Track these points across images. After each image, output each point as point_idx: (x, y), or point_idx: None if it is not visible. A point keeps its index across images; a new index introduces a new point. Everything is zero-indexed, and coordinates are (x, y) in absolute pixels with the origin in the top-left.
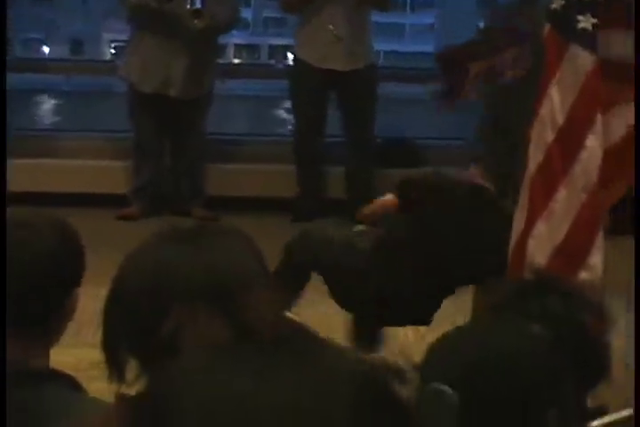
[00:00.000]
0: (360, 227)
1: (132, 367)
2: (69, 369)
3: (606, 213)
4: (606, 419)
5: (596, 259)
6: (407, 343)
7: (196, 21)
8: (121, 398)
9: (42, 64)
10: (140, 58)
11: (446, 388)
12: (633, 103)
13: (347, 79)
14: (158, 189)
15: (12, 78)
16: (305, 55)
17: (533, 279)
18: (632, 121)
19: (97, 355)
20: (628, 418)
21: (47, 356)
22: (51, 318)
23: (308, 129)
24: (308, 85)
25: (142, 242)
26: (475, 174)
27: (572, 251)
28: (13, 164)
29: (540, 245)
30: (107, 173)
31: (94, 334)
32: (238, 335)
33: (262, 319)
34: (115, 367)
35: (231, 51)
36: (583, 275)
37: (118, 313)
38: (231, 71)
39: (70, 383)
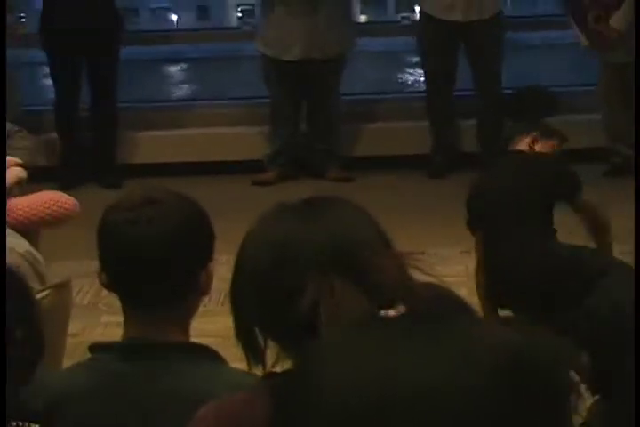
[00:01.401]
0: None
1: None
2: (217, 336)
3: None
4: None
5: None
6: None
7: None
8: (268, 376)
9: (169, 35)
10: (274, 29)
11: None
12: None
13: (472, 30)
14: (294, 153)
15: (141, 50)
16: (428, 8)
17: None
18: None
19: None
20: None
21: (186, 330)
22: (186, 295)
23: (438, 83)
24: (434, 39)
25: (259, 219)
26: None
27: None
28: (148, 135)
29: None
30: (241, 139)
31: None
32: (375, 302)
33: (394, 281)
34: (252, 352)
35: (357, 7)
36: None
37: (247, 294)
38: (359, 31)
39: (212, 356)
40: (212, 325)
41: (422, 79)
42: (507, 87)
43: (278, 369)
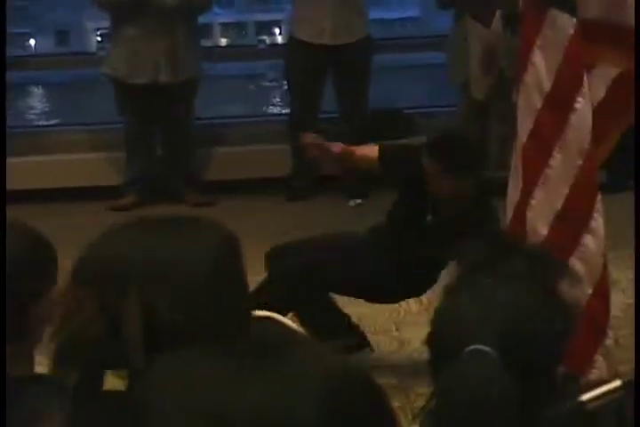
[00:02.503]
0: (357, 201)
1: None
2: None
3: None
4: (596, 391)
5: (598, 222)
6: (411, 315)
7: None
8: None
9: (27, 60)
10: (123, 51)
11: (487, 348)
12: (611, 64)
13: (341, 53)
14: (151, 178)
15: None
16: (299, 32)
17: (500, 242)
18: (610, 82)
19: None
20: (616, 389)
21: (30, 361)
22: (25, 326)
23: (304, 107)
24: (304, 63)
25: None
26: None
27: (573, 216)
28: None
29: (541, 213)
30: (99, 165)
31: None
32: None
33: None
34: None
35: (217, 31)
36: (587, 239)
37: None
38: (219, 54)
39: (55, 388)
40: None
41: (279, 102)
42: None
43: None
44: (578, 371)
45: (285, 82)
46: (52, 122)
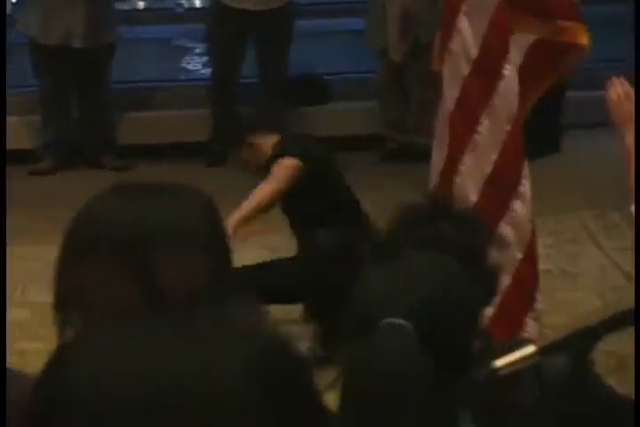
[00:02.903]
0: None
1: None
2: (18, 328)
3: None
4: (510, 357)
5: (526, 187)
6: None
7: None
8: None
9: None
10: (38, 10)
11: (402, 321)
12: (527, 32)
13: (264, 19)
14: (69, 142)
15: None
16: None
17: (426, 206)
18: (527, 49)
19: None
20: (532, 355)
21: None
22: None
23: (227, 72)
24: (227, 28)
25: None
26: None
27: (502, 181)
28: None
29: (470, 179)
30: (16, 129)
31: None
32: (146, 295)
33: (171, 282)
34: (60, 325)
35: None
36: (516, 204)
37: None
38: (137, 17)
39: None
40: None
41: (198, 66)
42: None
43: None
44: (509, 334)
45: (204, 46)
46: None
